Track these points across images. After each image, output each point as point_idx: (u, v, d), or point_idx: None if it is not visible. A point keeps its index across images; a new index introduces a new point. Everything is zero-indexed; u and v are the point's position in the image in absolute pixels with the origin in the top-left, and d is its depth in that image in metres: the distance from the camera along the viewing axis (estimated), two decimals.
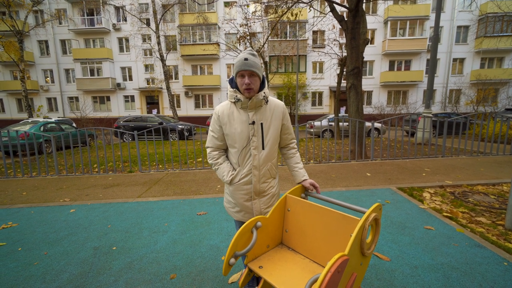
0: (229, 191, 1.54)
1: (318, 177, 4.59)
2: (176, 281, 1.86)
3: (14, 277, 1.95)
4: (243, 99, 1.37)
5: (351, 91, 5.93)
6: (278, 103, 1.49)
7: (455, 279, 1.80)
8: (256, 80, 1.36)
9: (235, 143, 1.43)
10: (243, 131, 1.40)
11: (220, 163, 1.50)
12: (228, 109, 1.43)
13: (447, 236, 2.40)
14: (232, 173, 1.47)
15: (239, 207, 1.52)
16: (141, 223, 2.87)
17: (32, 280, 1.91)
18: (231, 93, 1.41)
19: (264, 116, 1.43)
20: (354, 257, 1.02)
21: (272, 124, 1.45)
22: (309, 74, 20.85)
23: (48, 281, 1.88)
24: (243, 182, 1.47)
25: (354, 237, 0.99)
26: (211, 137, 1.51)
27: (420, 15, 18.98)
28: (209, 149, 1.54)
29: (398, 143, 8.51)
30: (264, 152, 1.45)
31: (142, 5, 20.42)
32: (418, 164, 5.32)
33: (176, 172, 5.30)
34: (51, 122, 9.64)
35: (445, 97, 20.22)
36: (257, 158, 1.43)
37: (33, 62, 21.21)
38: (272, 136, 1.46)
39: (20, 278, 1.93)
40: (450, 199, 3.36)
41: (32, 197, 3.94)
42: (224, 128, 1.44)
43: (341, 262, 0.89)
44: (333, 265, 0.87)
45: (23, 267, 2.07)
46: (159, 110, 21.91)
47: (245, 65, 1.31)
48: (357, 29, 5.67)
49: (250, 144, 1.41)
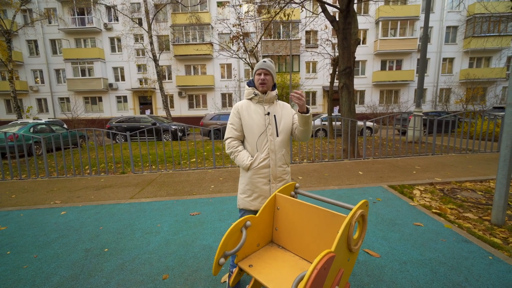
0: (247, 178, 1.67)
1: (311, 176, 4.64)
2: (168, 281, 1.86)
3: (2, 281, 1.91)
4: (260, 94, 1.66)
5: (343, 91, 6.01)
6: (285, 104, 1.81)
7: (442, 274, 1.85)
8: (270, 79, 1.67)
9: (253, 131, 1.65)
10: (260, 120, 1.66)
11: (240, 150, 1.68)
12: (246, 104, 1.71)
13: (435, 232, 2.47)
14: (251, 158, 1.65)
15: (257, 193, 1.65)
16: (134, 224, 2.85)
17: (21, 283, 1.88)
18: (249, 91, 1.71)
19: (276, 110, 1.71)
20: (341, 254, 1.05)
21: (283, 117, 1.71)
22: (302, 73, 20.98)
23: (38, 284, 1.86)
24: (262, 166, 1.64)
25: (341, 234, 1.01)
26: (230, 129, 1.71)
27: (410, 15, 19.31)
28: (229, 139, 1.71)
29: (390, 142, 8.65)
30: (279, 139, 1.67)
31: (134, 5, 20.16)
32: (409, 162, 5.42)
33: (170, 172, 5.27)
34: (41, 123, 9.45)
35: (436, 96, 20.63)
36: (273, 143, 1.65)
37: (22, 62, 20.71)
38: (284, 127, 1.70)
39: (8, 282, 1.90)
40: (439, 196, 3.44)
41: (22, 199, 3.86)
42: (243, 119, 1.68)
43: (327, 259, 0.91)
44: (319, 262, 0.89)
45: (11, 271, 2.03)
46: (152, 110, 21.69)
47: (263, 65, 1.64)
48: (348, 30, 5.74)
49: (267, 131, 1.65)
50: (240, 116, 1.68)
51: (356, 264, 2.00)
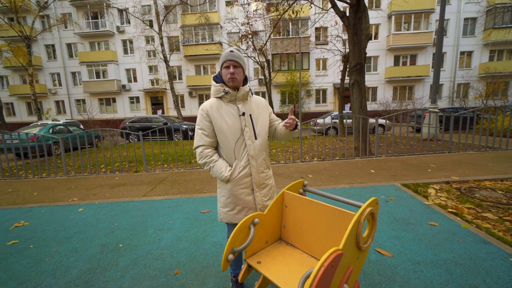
0: (227, 190, 1.48)
1: (322, 174, 4.59)
2: (180, 276, 1.91)
3: (26, 272, 2.03)
4: (231, 91, 1.42)
5: (354, 88, 5.89)
6: (260, 98, 1.58)
7: (458, 275, 1.79)
8: (240, 71, 1.42)
9: (228, 136, 1.43)
10: (234, 123, 1.43)
11: (215, 160, 1.46)
12: (216, 104, 1.46)
13: (451, 232, 2.39)
14: (230, 168, 1.45)
15: (240, 205, 1.47)
16: (147, 221, 2.93)
17: (43, 275, 1.98)
18: (217, 88, 1.45)
19: (251, 108, 1.49)
20: (350, 251, 1.04)
21: (260, 116, 1.52)
22: (312, 71, 20.71)
23: (58, 277, 1.96)
24: (243, 175, 1.45)
25: (349, 232, 1.00)
26: (200, 135, 1.48)
27: (425, 8, 18.61)
28: (200, 148, 1.48)
29: (404, 140, 8.40)
30: (258, 142, 1.48)
31: (144, 7, 20.60)
32: (424, 160, 5.25)
33: (181, 171, 5.37)
34: (59, 124, 9.86)
35: (453, 91, 19.81)
36: (252, 148, 1.46)
37: (41, 66, 21.67)
38: (262, 127, 1.51)
39: (32, 273, 2.01)
40: (456, 195, 3.32)
41: (43, 197, 4.06)
42: (215, 123, 1.44)
43: (335, 256, 0.91)
44: (326, 260, 0.89)
45: (34, 263, 2.15)
46: (163, 110, 22.13)
47: (230, 56, 1.38)
48: (359, 25, 5.61)
49: (244, 135, 1.44)
50: (210, 119, 1.44)
51: (367, 263, 1.97)
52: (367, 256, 2.06)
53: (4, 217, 3.28)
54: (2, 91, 21.97)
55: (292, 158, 5.76)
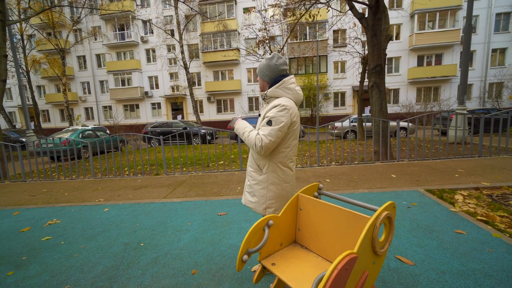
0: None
1: (340, 178, 4.49)
2: (197, 276, 1.96)
3: (58, 266, 2.19)
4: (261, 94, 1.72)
5: (374, 90, 5.72)
6: (275, 102, 1.53)
7: (488, 287, 1.67)
8: (260, 79, 1.69)
9: None
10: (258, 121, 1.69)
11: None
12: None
13: (480, 241, 2.23)
14: None
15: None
16: (166, 222, 3.05)
17: (72, 270, 2.13)
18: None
19: (264, 111, 1.62)
20: (365, 256, 1.02)
21: (264, 119, 1.60)
22: (330, 74, 20.40)
23: (85, 272, 2.09)
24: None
25: (364, 235, 0.99)
26: None
27: (451, 5, 17.70)
28: None
29: (428, 143, 7.97)
30: None
31: (166, 18, 21.62)
32: (451, 164, 4.95)
33: (199, 174, 5.51)
34: (88, 129, 10.57)
35: (484, 91, 18.49)
36: None
37: (73, 75, 23.44)
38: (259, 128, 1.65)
39: (63, 267, 2.17)
40: (487, 202, 3.09)
41: (73, 197, 4.36)
42: None
43: (349, 259, 0.91)
44: (340, 262, 0.88)
45: (65, 259, 2.32)
46: (183, 115, 22.89)
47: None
48: (378, 26, 5.48)
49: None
50: None
51: (387, 270, 1.90)
52: (387, 263, 1.99)
53: (40, 214, 3.57)
54: (39, 99, 23.98)
55: (310, 162, 5.69)
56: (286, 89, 1.56)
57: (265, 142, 1.45)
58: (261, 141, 1.46)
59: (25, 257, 2.39)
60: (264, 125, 1.50)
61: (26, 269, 2.18)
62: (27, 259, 2.35)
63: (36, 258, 2.35)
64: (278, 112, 1.47)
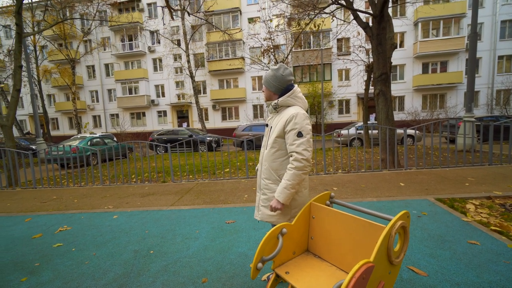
0: None
1: (347, 187, 4.46)
2: (207, 285, 1.96)
3: (69, 273, 2.22)
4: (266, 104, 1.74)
5: (380, 98, 5.74)
6: (288, 112, 1.54)
7: None
8: (265, 90, 1.69)
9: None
10: (266, 131, 1.73)
11: None
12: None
13: (495, 252, 2.18)
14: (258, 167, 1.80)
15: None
16: (175, 229, 3.06)
17: (84, 277, 2.15)
18: None
19: (274, 121, 1.64)
20: (381, 265, 1.02)
21: (276, 129, 1.58)
22: (334, 82, 20.50)
23: (97, 279, 2.11)
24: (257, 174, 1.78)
25: (380, 244, 1.00)
26: None
27: (455, 13, 17.79)
28: None
29: (436, 151, 7.88)
30: (265, 151, 1.66)
31: (173, 28, 22.21)
32: (460, 173, 4.88)
33: (206, 182, 5.53)
34: (96, 137, 10.76)
35: (492, 98, 18.30)
36: (262, 154, 1.70)
37: (82, 84, 24.05)
38: (272, 139, 1.60)
39: (74, 274, 2.20)
40: (500, 212, 3.03)
41: (82, 204, 4.42)
42: None
43: (366, 268, 0.91)
44: (357, 271, 0.89)
45: (76, 265, 2.35)
46: (189, 123, 23.14)
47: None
48: (383, 35, 5.54)
49: (263, 142, 1.73)
50: None
51: (400, 281, 1.87)
52: (400, 274, 1.96)
53: (51, 221, 3.63)
54: (49, 107, 24.59)
55: (316, 170, 5.67)
56: (297, 98, 1.61)
57: (306, 155, 1.43)
58: (301, 159, 1.43)
59: (38, 263, 2.42)
60: (295, 138, 1.46)
61: (39, 276, 2.21)
62: (40, 265, 2.38)
63: (48, 265, 2.38)
64: (303, 121, 1.49)
